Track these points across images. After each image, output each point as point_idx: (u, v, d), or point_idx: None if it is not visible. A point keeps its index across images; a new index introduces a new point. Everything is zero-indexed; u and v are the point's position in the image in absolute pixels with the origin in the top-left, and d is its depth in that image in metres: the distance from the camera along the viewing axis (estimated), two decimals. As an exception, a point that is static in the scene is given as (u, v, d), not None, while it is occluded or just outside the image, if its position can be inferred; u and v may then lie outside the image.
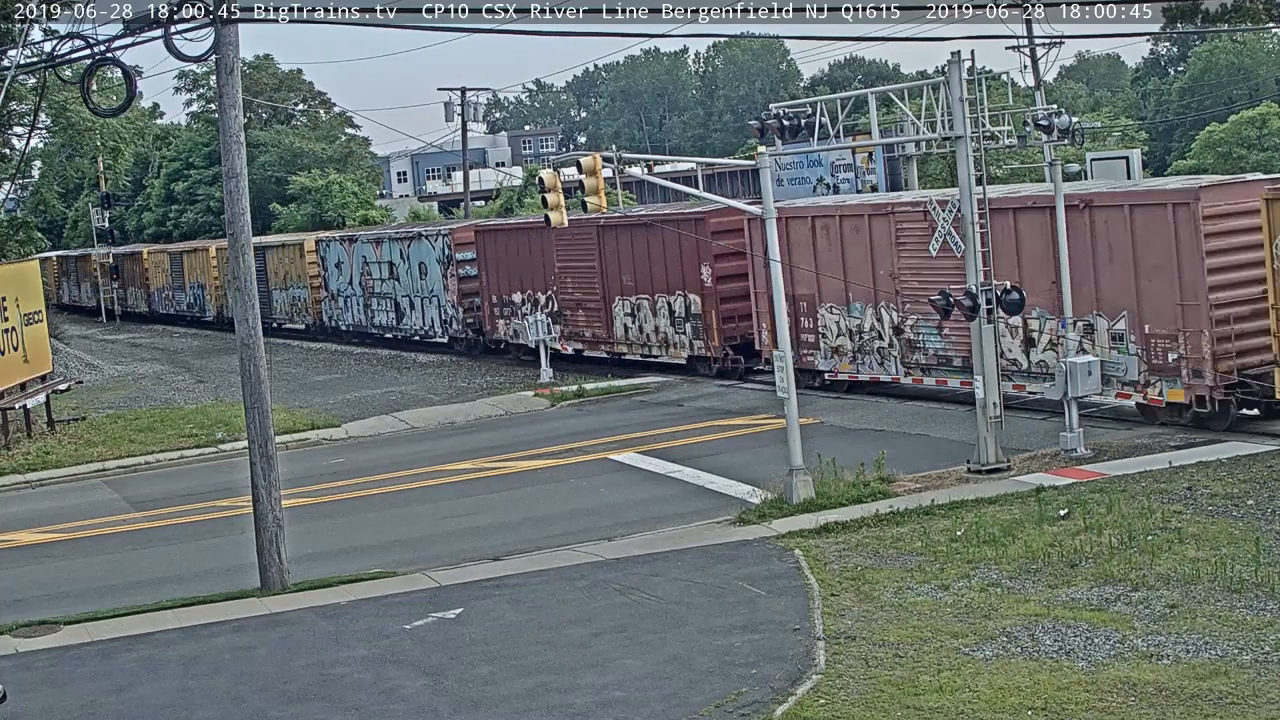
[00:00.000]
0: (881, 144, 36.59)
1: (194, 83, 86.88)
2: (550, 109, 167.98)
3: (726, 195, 37.14)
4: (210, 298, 59.12)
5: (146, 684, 14.29)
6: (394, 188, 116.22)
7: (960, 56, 20.86)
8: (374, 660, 14.35)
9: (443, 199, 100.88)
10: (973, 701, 11.77)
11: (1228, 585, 14.13)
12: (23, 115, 41.14)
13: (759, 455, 23.20)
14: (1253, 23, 39.90)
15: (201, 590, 17.84)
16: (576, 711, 12.39)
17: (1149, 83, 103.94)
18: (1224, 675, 11.83)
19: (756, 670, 12.99)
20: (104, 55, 18.54)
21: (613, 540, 18.67)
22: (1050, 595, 14.42)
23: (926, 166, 47.61)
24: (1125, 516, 16.88)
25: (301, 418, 31.17)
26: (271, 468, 17.71)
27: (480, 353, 40.26)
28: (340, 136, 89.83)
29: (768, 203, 20.29)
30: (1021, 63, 50.59)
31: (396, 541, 20.12)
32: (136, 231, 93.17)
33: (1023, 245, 23.87)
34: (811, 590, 15.37)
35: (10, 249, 43.05)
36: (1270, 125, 67.34)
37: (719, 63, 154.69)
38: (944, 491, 19.45)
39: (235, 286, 17.89)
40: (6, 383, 30.16)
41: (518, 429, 28.84)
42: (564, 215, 21.37)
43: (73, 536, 22.21)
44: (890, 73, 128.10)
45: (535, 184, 32.80)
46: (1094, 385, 21.76)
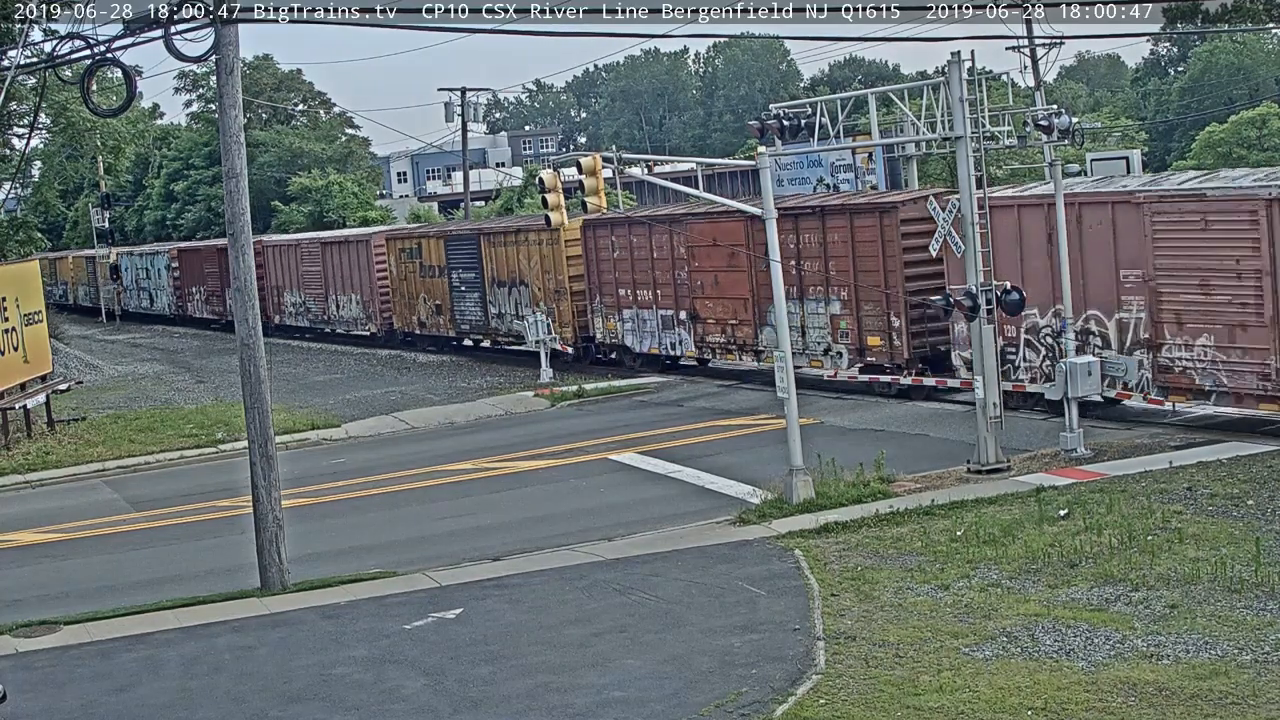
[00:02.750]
0: (881, 144, 36.63)
1: (194, 83, 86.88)
2: (550, 109, 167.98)
3: (726, 195, 37.02)
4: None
5: (146, 684, 14.29)
6: (394, 188, 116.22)
7: (960, 56, 20.87)
8: (374, 660, 14.35)
9: (443, 199, 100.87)
10: (973, 701, 11.77)
11: (1228, 585, 14.13)
12: (23, 115, 41.11)
13: (759, 455, 23.20)
14: (1253, 23, 39.91)
15: (201, 590, 17.84)
16: (576, 711, 12.39)
17: (1149, 83, 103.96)
18: (1224, 675, 11.83)
19: (756, 670, 12.99)
20: (104, 55, 18.54)
21: (613, 540, 18.67)
22: (1050, 595, 14.42)
23: (926, 166, 47.64)
24: (1125, 516, 16.88)
25: (301, 418, 31.18)
26: (271, 468, 17.71)
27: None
28: (340, 136, 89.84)
29: (768, 203, 20.30)
30: (1021, 63, 50.64)
31: (396, 541, 20.13)
32: (136, 231, 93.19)
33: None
34: (811, 590, 15.37)
35: (10, 249, 43.04)
36: (1270, 125, 67.34)
37: (719, 63, 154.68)
38: (944, 491, 19.45)
39: (235, 286, 17.88)
40: (6, 383, 30.16)
41: (518, 429, 28.84)
42: (564, 215, 21.37)
43: (73, 536, 22.21)
44: (890, 73, 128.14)
45: (535, 184, 32.57)
46: (1094, 385, 21.86)
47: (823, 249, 28.04)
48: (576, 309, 35.73)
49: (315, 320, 48.44)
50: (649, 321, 33.30)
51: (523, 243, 37.34)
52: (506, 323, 38.39)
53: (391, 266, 43.73)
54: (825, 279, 28.06)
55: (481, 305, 39.60)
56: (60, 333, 50.34)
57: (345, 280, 46.70)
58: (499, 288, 38.75)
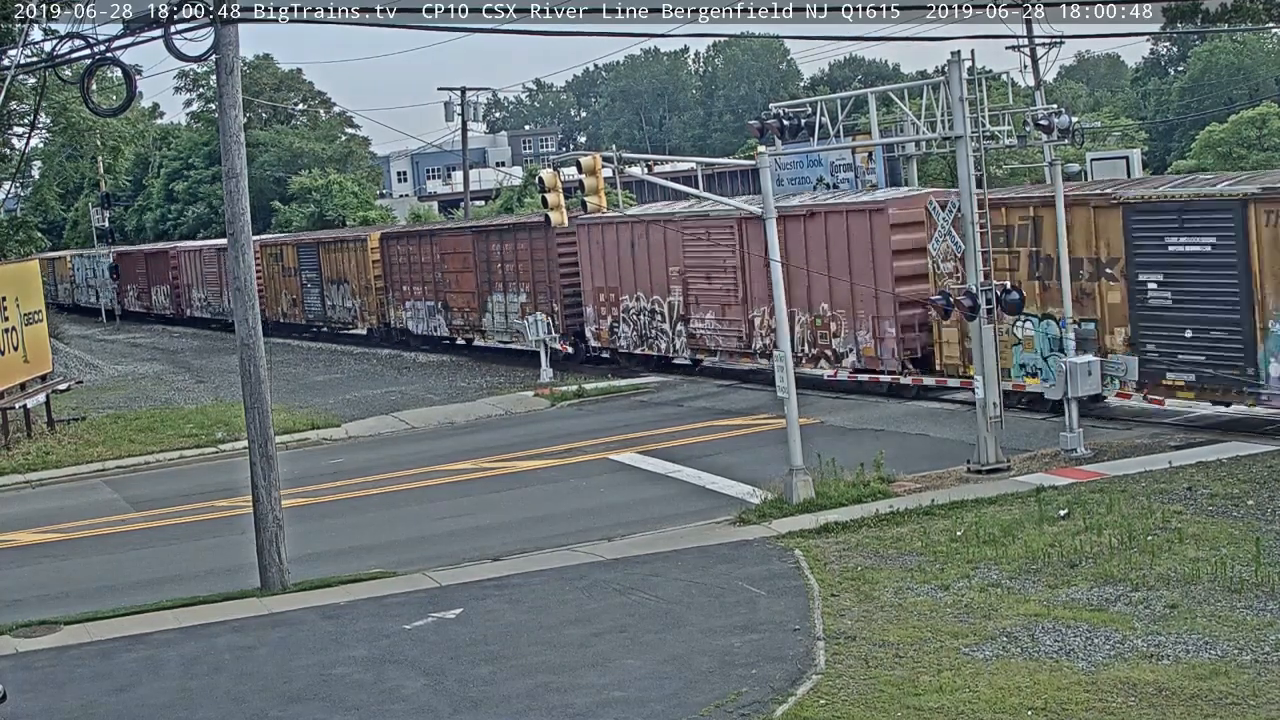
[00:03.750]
0: (881, 144, 36.59)
1: (194, 83, 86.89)
2: (550, 109, 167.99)
3: (726, 195, 37.06)
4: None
5: (146, 684, 14.29)
6: (394, 187, 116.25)
7: (960, 56, 20.87)
8: (374, 660, 14.35)
9: (443, 199, 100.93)
10: (973, 701, 11.76)
11: (1228, 585, 14.13)
12: (23, 115, 41.14)
13: (759, 455, 23.20)
14: (1253, 23, 39.93)
15: (201, 590, 17.83)
16: (576, 711, 12.39)
17: (1149, 83, 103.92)
18: (1224, 675, 11.83)
19: (756, 670, 12.98)
20: (104, 55, 18.54)
21: (613, 540, 18.66)
22: (1050, 595, 14.42)
23: (926, 166, 47.61)
24: (1125, 516, 16.88)
25: (301, 418, 31.17)
26: (271, 468, 17.71)
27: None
28: (340, 136, 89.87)
29: (768, 203, 20.30)
30: (1021, 63, 50.63)
31: (396, 541, 20.12)
32: (136, 231, 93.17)
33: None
34: (811, 590, 15.37)
35: (10, 249, 43.05)
36: (1270, 125, 67.32)
37: (719, 63, 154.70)
38: (944, 491, 19.45)
39: (235, 286, 17.88)
40: (6, 383, 30.16)
41: (518, 429, 28.84)
42: (564, 215, 21.35)
43: (73, 536, 22.21)
44: (890, 73, 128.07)
45: (535, 184, 32.80)
46: (1094, 385, 21.88)
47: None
48: (379, 301, 45.63)
49: (214, 313, 59.14)
50: (421, 310, 43.16)
51: (346, 250, 47.33)
52: (337, 312, 48.61)
53: (264, 268, 52.92)
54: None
55: (321, 299, 49.54)
56: (60, 332, 50.38)
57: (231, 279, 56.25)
58: (331, 284, 48.83)
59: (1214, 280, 21.27)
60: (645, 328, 33.65)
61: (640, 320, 33.79)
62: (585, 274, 35.30)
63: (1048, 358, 23.12)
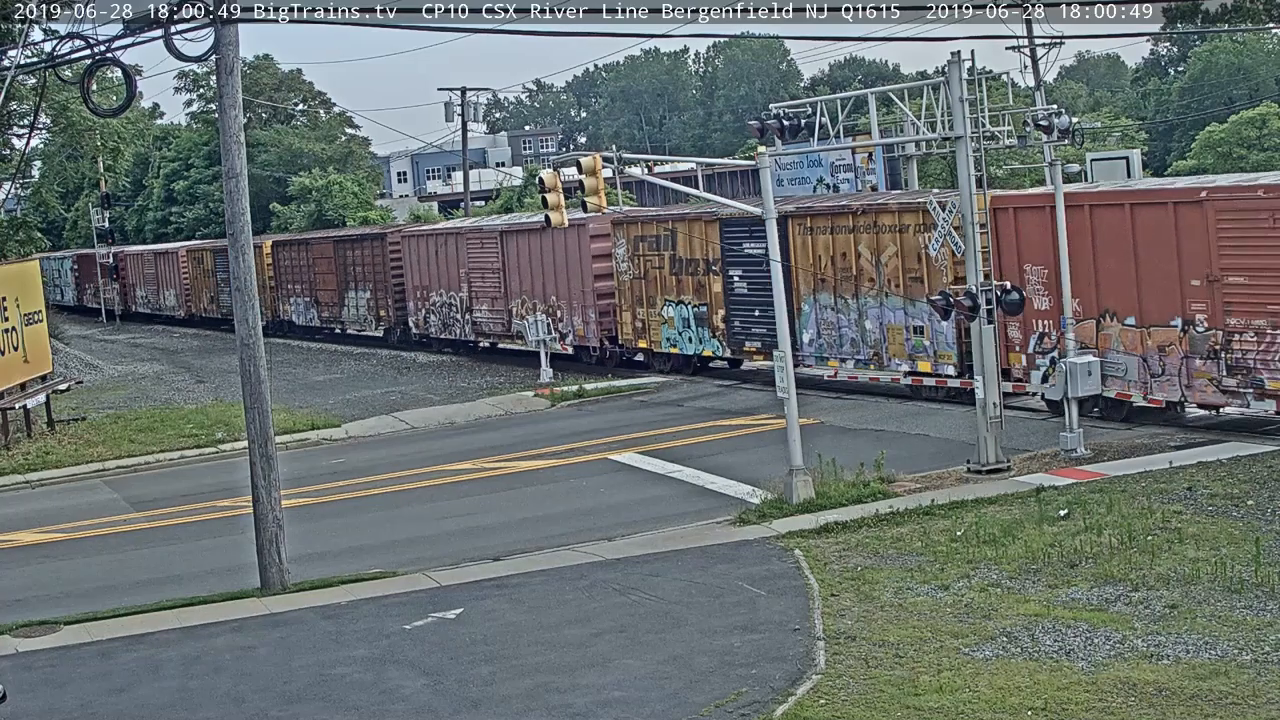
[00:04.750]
0: (881, 144, 36.61)
1: (194, 83, 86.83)
2: (550, 109, 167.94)
3: (726, 195, 37.07)
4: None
5: (146, 684, 14.29)
6: (394, 188, 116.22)
7: (960, 56, 20.86)
8: (374, 660, 14.35)
9: (443, 199, 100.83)
10: (973, 701, 11.76)
11: (1228, 585, 14.13)
12: (23, 115, 41.14)
13: (759, 455, 23.20)
14: (1253, 23, 39.92)
15: (201, 590, 17.84)
16: (576, 711, 12.39)
17: (1149, 83, 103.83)
18: (1224, 675, 11.83)
19: (756, 670, 12.99)
20: (104, 55, 18.54)
21: (613, 540, 18.67)
22: (1050, 595, 14.42)
23: (926, 166, 47.63)
24: (1125, 516, 16.88)
25: (301, 418, 31.17)
26: (271, 468, 17.71)
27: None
28: (340, 136, 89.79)
29: (768, 203, 20.29)
30: (1021, 63, 50.60)
31: (396, 541, 20.12)
32: (136, 231, 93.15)
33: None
34: (811, 590, 15.37)
35: (10, 249, 43.01)
36: (1270, 125, 67.30)
37: (719, 63, 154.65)
38: (944, 491, 19.45)
39: (235, 286, 17.88)
40: (6, 383, 30.16)
41: (518, 429, 28.84)
42: (564, 215, 21.36)
43: (73, 536, 22.21)
44: (890, 73, 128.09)
45: (535, 184, 32.99)
46: (1094, 384, 21.90)
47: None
48: (272, 297, 52.30)
49: (154, 309, 66.73)
50: (300, 304, 51.30)
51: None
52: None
53: (190, 271, 62.26)
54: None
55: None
56: (60, 332, 50.36)
57: (167, 280, 66.01)
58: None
59: (770, 274, 23.39)
60: (446, 317, 41.54)
61: (444, 311, 41.62)
62: (408, 275, 43.65)
63: (682, 333, 32.39)
